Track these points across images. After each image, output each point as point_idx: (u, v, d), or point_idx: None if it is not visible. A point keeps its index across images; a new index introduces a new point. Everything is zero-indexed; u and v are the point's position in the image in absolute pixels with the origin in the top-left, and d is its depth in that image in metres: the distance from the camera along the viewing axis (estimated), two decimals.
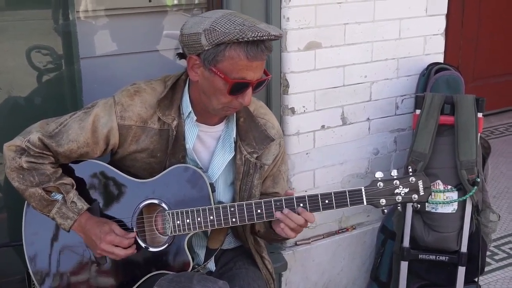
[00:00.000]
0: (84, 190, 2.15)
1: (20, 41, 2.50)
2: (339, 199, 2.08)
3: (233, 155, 2.22)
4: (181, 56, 2.15)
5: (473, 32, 5.89)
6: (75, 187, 2.12)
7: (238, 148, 2.21)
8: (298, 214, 2.08)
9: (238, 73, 1.98)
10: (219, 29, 1.95)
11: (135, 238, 2.13)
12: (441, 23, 3.33)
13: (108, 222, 2.12)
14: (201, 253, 2.29)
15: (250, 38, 1.92)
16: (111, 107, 2.11)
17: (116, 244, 2.08)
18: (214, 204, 2.12)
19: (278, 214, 2.08)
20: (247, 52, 1.95)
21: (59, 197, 2.11)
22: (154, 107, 2.12)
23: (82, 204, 2.10)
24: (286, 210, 2.08)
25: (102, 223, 2.11)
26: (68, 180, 2.12)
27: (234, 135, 2.22)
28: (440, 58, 3.37)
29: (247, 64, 1.97)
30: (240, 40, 1.92)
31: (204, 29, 1.97)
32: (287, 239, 2.23)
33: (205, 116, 2.19)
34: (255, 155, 2.22)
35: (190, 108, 2.16)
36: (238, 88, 2.01)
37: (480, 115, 2.99)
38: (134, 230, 2.14)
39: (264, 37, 1.94)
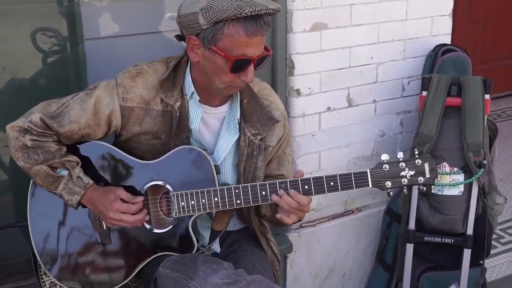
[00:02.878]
0: (88, 171, 2.15)
1: (25, 24, 2.49)
2: (345, 181, 2.07)
3: (238, 136, 2.21)
4: (180, 38, 2.13)
5: (481, 14, 5.85)
6: (80, 164, 2.12)
7: (242, 129, 2.20)
8: (291, 196, 2.07)
9: (239, 50, 1.97)
10: (216, 6, 1.93)
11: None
12: (449, 3, 3.29)
13: (113, 189, 2.11)
14: (206, 235, 2.29)
15: (248, 13, 1.90)
16: (113, 88, 2.10)
17: (124, 211, 2.07)
18: (218, 186, 2.11)
19: (274, 197, 2.08)
20: (246, 28, 1.93)
21: (65, 172, 2.10)
22: (156, 89, 2.11)
23: (88, 179, 2.10)
24: (281, 192, 2.07)
25: (107, 192, 2.10)
26: (73, 157, 2.12)
27: (238, 116, 2.21)
28: (447, 40, 3.34)
29: (246, 40, 1.95)
30: (238, 16, 1.91)
31: (201, 8, 1.95)
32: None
33: (208, 97, 2.18)
34: (259, 137, 2.21)
35: (193, 89, 2.14)
36: (239, 65, 1.99)
37: (487, 96, 2.96)
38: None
39: (262, 11, 1.92)
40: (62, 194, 2.10)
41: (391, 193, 2.11)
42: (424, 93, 3.02)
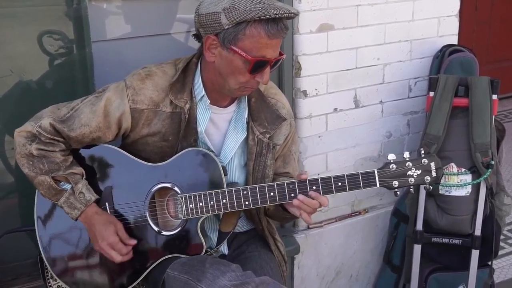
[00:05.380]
0: (95, 175, 2.15)
1: (31, 27, 2.49)
2: (352, 181, 2.07)
3: (245, 135, 2.21)
4: (197, 37, 2.13)
5: (487, 15, 5.85)
6: (84, 176, 2.13)
7: (250, 128, 2.21)
8: (312, 198, 2.07)
9: (259, 51, 1.99)
10: (240, 7, 1.94)
11: (148, 223, 2.14)
12: (455, 3, 3.29)
13: (114, 222, 2.13)
14: (214, 237, 2.29)
15: (272, 16, 1.93)
16: (123, 91, 2.11)
17: (115, 249, 2.10)
18: (226, 187, 2.11)
19: (295, 202, 2.08)
20: (268, 30, 1.95)
21: (67, 187, 2.11)
22: (165, 91, 2.12)
23: (90, 195, 2.11)
24: (301, 197, 2.07)
25: (109, 222, 2.12)
26: (78, 169, 2.12)
27: (246, 116, 2.21)
28: (454, 40, 3.33)
29: (267, 42, 1.98)
30: (262, 17, 1.93)
31: (223, 8, 1.96)
32: (296, 218, 2.23)
33: (218, 98, 2.18)
34: (267, 135, 2.22)
35: (203, 92, 2.15)
36: (258, 66, 2.01)
37: (494, 97, 2.96)
38: (147, 214, 2.14)
39: (285, 14, 1.96)
40: (63, 206, 2.12)
41: (398, 192, 2.11)
42: (431, 93, 3.02)
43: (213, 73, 2.11)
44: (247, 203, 2.09)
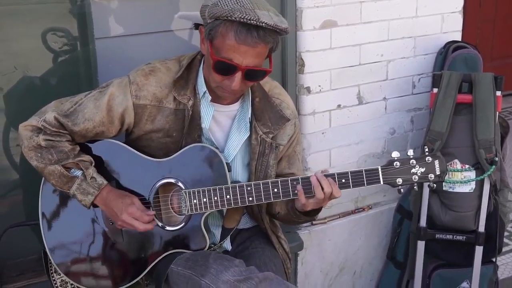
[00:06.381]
0: (101, 170, 2.16)
1: (35, 24, 2.50)
2: (356, 178, 2.07)
3: (248, 135, 2.22)
4: (197, 26, 2.15)
5: (491, 11, 5.83)
6: (93, 164, 2.13)
7: (253, 128, 2.21)
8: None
9: (226, 52, 1.97)
10: (220, 4, 1.96)
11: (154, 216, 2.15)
12: (459, 0, 3.28)
13: (129, 195, 2.13)
14: (217, 233, 2.30)
15: (237, 19, 1.91)
16: (126, 86, 2.11)
17: (136, 218, 2.08)
18: (230, 184, 2.11)
19: (312, 179, 2.05)
20: (236, 33, 1.94)
21: (78, 173, 2.11)
22: (169, 87, 2.12)
23: (101, 180, 2.11)
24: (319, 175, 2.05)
25: (124, 195, 2.12)
26: (87, 157, 2.13)
27: (249, 115, 2.21)
28: (458, 37, 3.33)
29: (234, 45, 1.95)
30: (229, 18, 1.92)
31: (212, 3, 1.99)
32: (308, 221, 2.20)
33: (216, 96, 2.18)
34: (270, 135, 2.22)
35: (205, 88, 2.15)
36: (223, 67, 2.00)
37: (498, 93, 2.95)
38: (151, 209, 2.15)
39: (251, 21, 1.91)
40: (75, 194, 2.11)
41: (401, 190, 2.12)
42: (435, 90, 3.01)
43: (206, 67, 2.13)
44: (250, 199, 2.09)
